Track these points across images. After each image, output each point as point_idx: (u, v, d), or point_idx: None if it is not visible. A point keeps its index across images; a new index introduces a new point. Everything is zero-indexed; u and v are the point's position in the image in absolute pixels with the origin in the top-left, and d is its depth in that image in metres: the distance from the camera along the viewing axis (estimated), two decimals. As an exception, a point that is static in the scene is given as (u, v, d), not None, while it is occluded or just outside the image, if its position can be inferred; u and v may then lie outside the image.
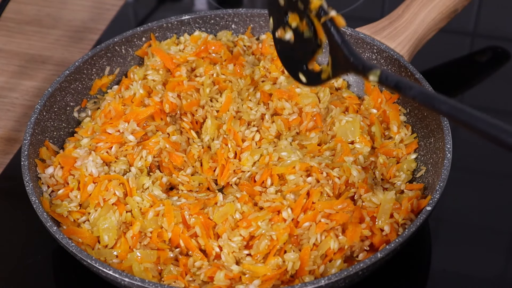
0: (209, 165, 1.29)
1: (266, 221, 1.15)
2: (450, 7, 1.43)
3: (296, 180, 1.20)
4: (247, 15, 1.46)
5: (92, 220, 1.18)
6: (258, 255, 1.13)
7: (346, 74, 1.23)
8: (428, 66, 1.54)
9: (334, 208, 1.15)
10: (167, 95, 1.32)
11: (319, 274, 1.12)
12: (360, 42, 1.39)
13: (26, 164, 1.20)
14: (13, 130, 1.48)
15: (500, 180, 1.37)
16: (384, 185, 1.24)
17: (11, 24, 1.71)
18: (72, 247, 1.10)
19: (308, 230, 1.14)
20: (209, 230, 1.16)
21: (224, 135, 1.31)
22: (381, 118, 1.34)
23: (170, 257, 1.15)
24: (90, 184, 1.21)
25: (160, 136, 1.28)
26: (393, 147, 1.29)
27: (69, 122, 1.36)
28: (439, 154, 1.22)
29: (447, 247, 1.21)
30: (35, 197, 1.16)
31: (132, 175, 1.23)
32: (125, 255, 1.14)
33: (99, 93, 1.41)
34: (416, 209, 1.17)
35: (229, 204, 1.18)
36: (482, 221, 1.28)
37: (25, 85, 1.57)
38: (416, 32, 1.39)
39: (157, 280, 1.12)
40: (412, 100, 1.15)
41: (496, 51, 1.64)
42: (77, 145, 1.29)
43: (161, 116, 1.31)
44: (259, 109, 1.33)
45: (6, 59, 1.63)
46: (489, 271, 1.20)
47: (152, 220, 1.17)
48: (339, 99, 1.36)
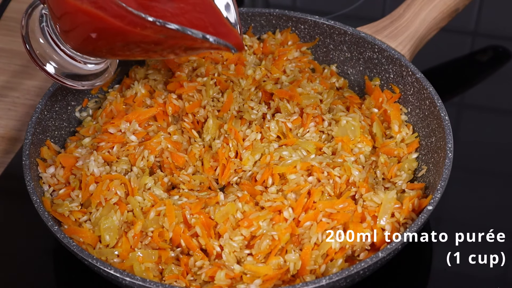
0: (210, 165, 1.30)
1: (267, 221, 1.15)
2: (451, 7, 1.43)
3: (297, 180, 1.20)
4: (248, 14, 1.46)
5: (93, 219, 1.18)
6: (259, 254, 1.13)
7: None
8: (429, 65, 1.54)
9: (335, 207, 1.16)
10: (171, 97, 1.32)
11: (320, 274, 1.12)
12: (361, 42, 1.39)
13: (27, 163, 1.20)
14: (15, 129, 1.48)
15: (500, 180, 1.37)
16: (385, 185, 1.24)
17: (12, 24, 1.71)
18: (74, 246, 1.10)
19: (309, 229, 1.14)
20: (210, 230, 1.16)
21: (225, 135, 1.31)
22: (382, 118, 1.34)
23: (171, 257, 1.15)
24: (92, 184, 1.21)
25: (161, 136, 1.28)
26: (394, 146, 1.29)
27: (70, 121, 1.36)
28: (440, 154, 1.22)
29: (448, 246, 1.21)
30: (36, 197, 1.16)
31: (133, 175, 1.23)
32: (126, 255, 1.14)
33: (100, 93, 1.41)
34: (417, 208, 1.17)
35: (230, 204, 1.18)
36: (483, 221, 1.29)
37: (26, 85, 1.58)
38: (417, 31, 1.39)
39: (158, 279, 1.12)
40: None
41: (497, 51, 1.64)
42: (79, 144, 1.29)
43: (164, 117, 1.32)
44: (261, 109, 1.33)
45: (8, 59, 1.63)
46: (489, 271, 1.20)
47: (153, 220, 1.17)
48: (340, 99, 1.37)
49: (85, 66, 1.23)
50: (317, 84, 1.37)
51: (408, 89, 1.33)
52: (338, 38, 1.43)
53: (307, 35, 1.45)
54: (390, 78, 1.37)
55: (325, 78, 1.41)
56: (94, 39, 1.10)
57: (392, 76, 1.37)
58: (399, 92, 1.35)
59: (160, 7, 1.06)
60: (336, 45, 1.44)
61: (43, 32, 1.19)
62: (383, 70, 1.38)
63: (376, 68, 1.39)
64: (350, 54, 1.43)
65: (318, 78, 1.39)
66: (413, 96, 1.33)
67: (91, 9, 1.04)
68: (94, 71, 1.25)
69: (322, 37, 1.44)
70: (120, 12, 1.02)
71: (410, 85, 1.33)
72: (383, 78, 1.38)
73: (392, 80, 1.37)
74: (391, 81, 1.37)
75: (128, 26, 1.03)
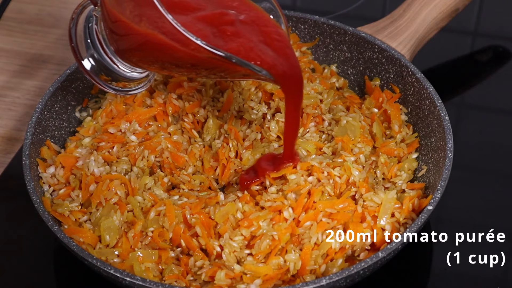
0: (210, 165, 1.30)
1: (267, 221, 1.15)
2: (451, 6, 1.43)
3: (297, 180, 1.20)
4: (248, 14, 1.46)
5: (93, 219, 1.18)
6: (260, 254, 1.13)
7: None
8: (429, 65, 1.54)
9: (335, 207, 1.16)
10: (171, 97, 1.32)
11: (320, 274, 1.12)
12: (361, 42, 1.39)
13: (27, 163, 1.20)
14: (15, 129, 1.48)
15: (500, 180, 1.37)
16: (385, 185, 1.24)
17: (12, 24, 1.71)
18: (74, 246, 1.10)
19: (309, 229, 1.14)
20: (210, 230, 1.16)
21: (225, 135, 1.31)
22: (382, 118, 1.34)
23: (171, 257, 1.15)
24: (92, 184, 1.21)
25: (162, 136, 1.28)
26: (394, 146, 1.29)
27: (70, 121, 1.36)
28: (440, 154, 1.22)
29: (448, 246, 1.21)
30: (36, 197, 1.16)
31: (133, 175, 1.23)
32: (127, 255, 1.14)
33: (100, 93, 1.41)
34: (417, 208, 1.17)
35: (230, 204, 1.18)
36: (483, 221, 1.29)
37: (26, 85, 1.58)
38: (417, 31, 1.39)
39: (158, 279, 1.12)
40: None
41: (497, 51, 1.64)
42: (79, 144, 1.29)
43: (164, 117, 1.32)
44: (261, 109, 1.33)
45: (8, 59, 1.63)
46: (489, 271, 1.20)
47: (154, 220, 1.17)
48: (340, 99, 1.37)
49: (124, 72, 1.23)
50: (317, 84, 1.37)
51: (408, 89, 1.34)
52: (338, 38, 1.43)
53: (307, 35, 1.45)
54: (390, 78, 1.37)
55: (325, 78, 1.41)
56: (150, 57, 1.13)
57: (392, 76, 1.37)
58: (399, 92, 1.35)
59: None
60: (336, 45, 1.44)
61: (90, 32, 1.20)
62: (383, 70, 1.38)
63: (376, 68, 1.39)
64: (350, 54, 1.43)
65: (318, 78, 1.39)
66: (413, 96, 1.33)
67: (157, 36, 1.06)
68: (131, 78, 1.25)
69: (322, 37, 1.44)
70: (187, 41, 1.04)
71: (410, 85, 1.33)
72: (383, 78, 1.38)
73: (392, 80, 1.37)
74: (391, 81, 1.37)
75: (194, 52, 1.05)
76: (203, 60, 1.07)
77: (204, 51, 1.04)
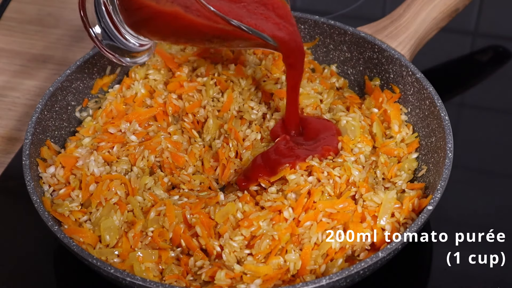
0: (210, 165, 1.30)
1: (267, 221, 1.15)
2: (451, 6, 1.43)
3: (297, 180, 1.20)
4: (248, 14, 1.46)
5: (93, 219, 1.18)
6: (260, 254, 1.13)
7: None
8: (429, 65, 1.54)
9: (335, 207, 1.16)
10: (171, 97, 1.32)
11: (320, 274, 1.12)
12: (361, 42, 1.39)
13: (27, 163, 1.20)
14: (15, 129, 1.49)
15: (501, 180, 1.37)
16: (385, 185, 1.24)
17: (12, 24, 1.71)
18: (74, 246, 1.10)
19: (309, 229, 1.14)
20: (210, 230, 1.16)
21: (225, 135, 1.32)
22: (382, 118, 1.34)
23: (171, 257, 1.15)
24: (92, 184, 1.21)
25: (162, 136, 1.28)
26: (394, 146, 1.29)
27: (70, 121, 1.36)
28: (440, 154, 1.22)
29: (448, 246, 1.21)
30: (36, 197, 1.16)
31: (133, 175, 1.23)
32: (127, 255, 1.14)
33: (100, 93, 1.41)
34: (417, 208, 1.17)
35: (230, 204, 1.18)
36: (483, 221, 1.28)
37: (26, 85, 1.58)
38: (417, 31, 1.39)
39: (158, 279, 1.12)
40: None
41: (497, 51, 1.64)
42: (79, 144, 1.29)
43: (164, 117, 1.32)
44: (261, 109, 1.33)
45: (8, 59, 1.63)
46: (489, 271, 1.20)
47: (154, 220, 1.17)
48: (340, 99, 1.37)
49: (130, 43, 1.27)
50: (317, 84, 1.37)
51: (408, 89, 1.34)
52: (338, 38, 1.43)
53: (307, 35, 1.45)
54: (390, 78, 1.37)
55: (325, 78, 1.41)
56: (165, 30, 1.19)
57: (392, 76, 1.37)
58: (399, 92, 1.35)
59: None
60: (336, 45, 1.44)
61: (97, 2, 1.23)
62: (383, 70, 1.38)
63: (376, 68, 1.39)
64: (350, 54, 1.43)
65: (318, 78, 1.39)
66: (413, 96, 1.33)
67: (176, 10, 1.11)
68: (137, 49, 1.29)
69: (322, 37, 1.44)
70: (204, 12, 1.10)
71: (410, 85, 1.33)
72: (383, 78, 1.38)
73: (392, 80, 1.37)
74: (391, 81, 1.37)
75: (210, 22, 1.12)
76: (222, 31, 1.13)
77: (224, 23, 1.10)
